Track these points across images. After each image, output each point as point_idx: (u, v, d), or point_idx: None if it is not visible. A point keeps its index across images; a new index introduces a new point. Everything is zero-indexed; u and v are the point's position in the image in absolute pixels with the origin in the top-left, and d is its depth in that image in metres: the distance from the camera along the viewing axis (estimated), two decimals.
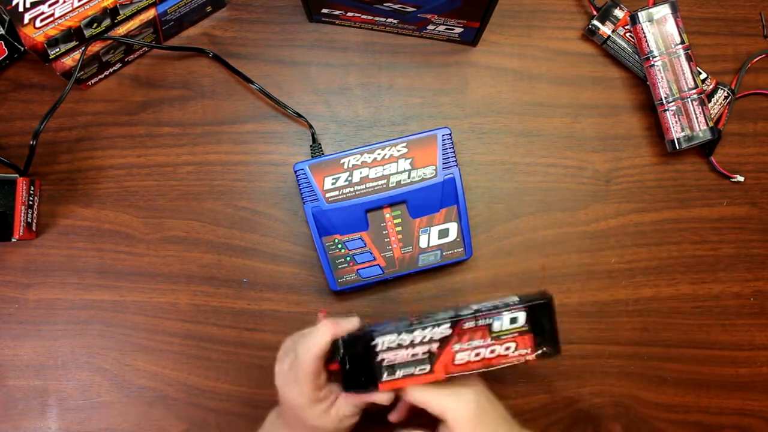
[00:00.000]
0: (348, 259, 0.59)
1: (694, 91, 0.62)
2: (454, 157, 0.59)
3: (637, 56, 0.64)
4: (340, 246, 0.59)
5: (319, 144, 0.63)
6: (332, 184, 0.58)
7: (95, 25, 0.58)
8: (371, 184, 0.58)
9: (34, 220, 0.63)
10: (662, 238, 0.65)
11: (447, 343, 0.48)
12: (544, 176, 0.65)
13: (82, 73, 0.61)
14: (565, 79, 0.66)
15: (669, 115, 0.62)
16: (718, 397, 0.63)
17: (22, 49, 0.63)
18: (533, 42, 0.66)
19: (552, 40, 0.66)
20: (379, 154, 0.59)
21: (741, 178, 0.65)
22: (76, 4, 0.56)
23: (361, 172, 0.58)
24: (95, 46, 0.59)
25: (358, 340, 0.49)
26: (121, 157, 0.64)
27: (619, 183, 0.65)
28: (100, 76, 0.64)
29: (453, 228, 0.59)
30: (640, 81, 0.66)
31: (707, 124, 0.62)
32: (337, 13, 0.63)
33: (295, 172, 0.59)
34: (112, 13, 0.58)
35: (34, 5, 0.55)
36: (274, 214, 0.64)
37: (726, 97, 0.64)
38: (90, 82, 0.64)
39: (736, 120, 0.66)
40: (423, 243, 0.59)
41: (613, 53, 0.65)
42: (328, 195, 0.59)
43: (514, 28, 0.66)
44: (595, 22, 0.64)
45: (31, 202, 0.62)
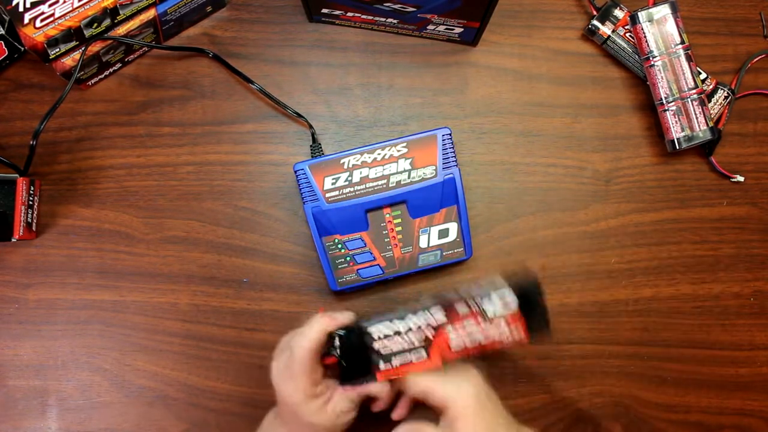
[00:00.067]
0: (348, 259, 0.59)
1: (694, 91, 0.62)
2: (454, 157, 0.59)
3: (637, 56, 0.64)
4: (340, 246, 0.59)
5: (319, 144, 0.63)
6: (332, 184, 0.58)
7: (95, 25, 0.58)
8: (371, 184, 0.58)
9: (34, 220, 0.63)
10: (662, 238, 0.65)
11: (441, 328, 0.48)
12: (544, 176, 0.65)
13: (82, 73, 0.61)
14: (565, 79, 0.66)
15: (669, 115, 0.62)
16: (718, 397, 0.63)
17: (22, 49, 0.63)
18: (533, 42, 0.66)
19: (552, 40, 0.66)
20: (379, 154, 0.59)
21: (741, 178, 0.65)
22: (76, 4, 0.56)
23: (361, 172, 0.58)
24: (95, 46, 0.59)
25: (353, 330, 0.49)
26: (121, 157, 0.64)
27: (619, 183, 0.65)
28: (100, 76, 0.64)
29: (453, 228, 0.59)
30: (640, 81, 0.66)
31: (707, 124, 0.62)
32: (337, 13, 0.63)
33: (295, 172, 0.59)
34: (112, 13, 0.58)
35: (34, 5, 0.55)
36: (274, 214, 0.64)
37: (726, 97, 0.64)
38: (90, 82, 0.64)
39: (736, 120, 0.66)
40: (423, 243, 0.59)
41: (613, 53, 0.65)
42: (328, 195, 0.58)
43: (514, 28, 0.66)
44: (595, 22, 0.64)
45: (31, 202, 0.62)
